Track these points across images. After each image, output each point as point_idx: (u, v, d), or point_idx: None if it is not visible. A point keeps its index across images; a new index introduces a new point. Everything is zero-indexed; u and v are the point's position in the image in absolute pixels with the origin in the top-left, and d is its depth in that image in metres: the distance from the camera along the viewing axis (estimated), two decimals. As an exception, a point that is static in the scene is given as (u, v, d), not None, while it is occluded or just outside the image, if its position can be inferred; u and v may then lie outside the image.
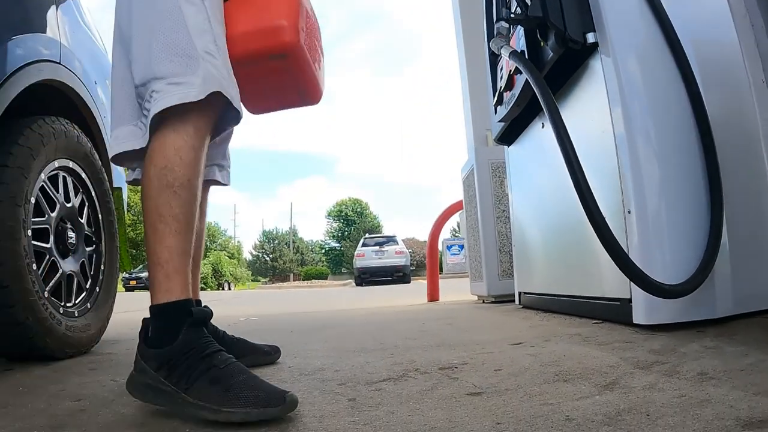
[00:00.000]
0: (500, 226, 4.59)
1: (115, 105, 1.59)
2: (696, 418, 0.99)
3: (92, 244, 2.61)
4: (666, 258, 2.04)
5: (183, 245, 1.40)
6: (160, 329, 1.36)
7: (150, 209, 1.39)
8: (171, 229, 1.38)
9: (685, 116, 2.07)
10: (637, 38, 2.16)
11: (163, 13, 1.47)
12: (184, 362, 1.28)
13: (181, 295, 1.38)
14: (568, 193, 2.21)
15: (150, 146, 1.45)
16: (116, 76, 1.59)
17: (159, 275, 1.38)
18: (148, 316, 1.41)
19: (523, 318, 3.06)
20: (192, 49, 1.45)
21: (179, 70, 1.43)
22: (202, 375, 1.26)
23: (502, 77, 3.12)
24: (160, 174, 1.39)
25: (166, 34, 1.45)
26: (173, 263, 1.38)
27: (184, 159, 1.41)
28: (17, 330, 1.96)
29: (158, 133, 1.44)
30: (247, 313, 5.25)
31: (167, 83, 1.42)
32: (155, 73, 1.44)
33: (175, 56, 1.44)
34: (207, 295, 17.04)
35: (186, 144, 1.42)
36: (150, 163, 1.42)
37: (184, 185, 1.40)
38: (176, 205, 1.39)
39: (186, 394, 1.25)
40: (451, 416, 1.15)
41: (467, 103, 5.23)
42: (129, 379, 1.38)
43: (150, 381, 1.31)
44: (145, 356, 1.35)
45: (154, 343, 1.35)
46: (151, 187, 1.40)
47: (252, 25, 1.65)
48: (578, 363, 1.59)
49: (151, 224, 1.39)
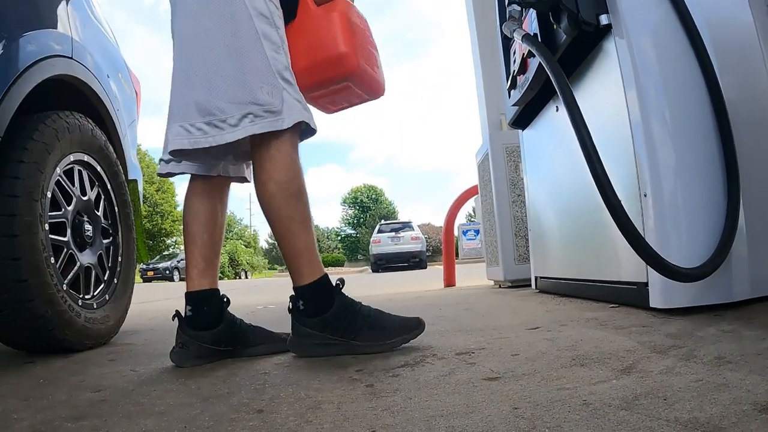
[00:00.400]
0: (516, 211, 4.57)
1: (171, 104, 1.78)
2: (713, 402, 0.98)
3: (109, 236, 2.64)
4: (682, 241, 2.02)
5: (312, 237, 1.78)
6: (317, 301, 1.76)
7: (282, 216, 1.72)
8: (303, 227, 1.74)
9: (700, 98, 2.05)
10: (651, 19, 2.13)
11: (246, 40, 1.68)
12: (344, 319, 1.74)
13: (321, 272, 1.77)
14: (583, 177, 2.20)
15: (260, 164, 1.72)
16: (207, 68, 1.71)
17: (303, 262, 1.75)
18: (293, 294, 1.79)
19: (539, 303, 3.05)
20: (274, 77, 1.68)
21: (267, 99, 1.66)
22: (363, 323, 1.75)
23: (515, 61, 3.10)
24: (283, 188, 1.70)
25: (251, 62, 1.67)
26: (310, 251, 1.76)
27: (295, 171, 1.73)
28: (37, 323, 1.99)
29: (265, 154, 1.71)
30: (265, 302, 5.28)
31: (263, 110, 1.66)
32: (243, 98, 1.66)
33: (264, 84, 1.67)
34: (224, 284, 17.15)
35: (291, 160, 1.72)
36: (269, 179, 1.71)
37: (302, 191, 1.74)
38: (301, 208, 1.73)
39: (355, 340, 1.73)
40: (468, 401, 1.15)
41: (481, 87, 5.19)
42: (292, 344, 1.81)
43: (317, 341, 1.75)
44: (306, 324, 1.75)
45: (314, 312, 1.75)
46: (278, 198, 1.71)
47: (311, 59, 1.85)
48: (595, 347, 1.58)
49: (286, 227, 1.73)
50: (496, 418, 1.02)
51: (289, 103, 1.67)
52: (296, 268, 1.76)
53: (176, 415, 1.20)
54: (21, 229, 1.92)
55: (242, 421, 1.14)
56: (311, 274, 1.75)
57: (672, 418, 0.92)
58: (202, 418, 1.17)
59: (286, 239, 1.74)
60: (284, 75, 1.70)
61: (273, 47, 1.70)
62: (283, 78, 1.69)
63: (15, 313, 1.95)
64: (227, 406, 1.26)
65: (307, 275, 1.75)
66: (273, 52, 1.70)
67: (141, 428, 1.12)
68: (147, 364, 1.88)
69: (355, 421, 1.08)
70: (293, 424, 1.09)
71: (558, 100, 2.80)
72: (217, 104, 1.66)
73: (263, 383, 1.47)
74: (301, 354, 1.80)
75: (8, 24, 1.96)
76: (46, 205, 2.09)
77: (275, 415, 1.16)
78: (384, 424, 1.04)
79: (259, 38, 1.68)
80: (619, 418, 0.95)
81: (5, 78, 1.89)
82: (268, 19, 1.71)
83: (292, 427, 1.07)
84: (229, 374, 1.62)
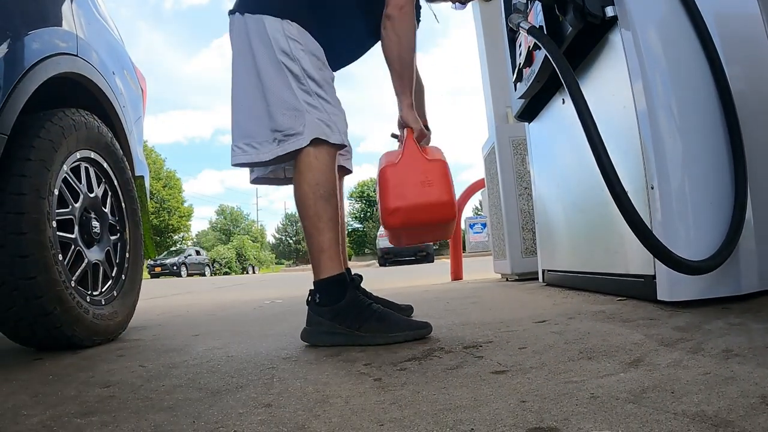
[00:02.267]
0: (522, 204, 4.57)
1: (234, 123, 2.09)
2: (721, 395, 0.98)
3: (116, 232, 2.64)
4: (690, 234, 2.01)
5: (336, 236, 1.97)
6: (331, 293, 1.93)
7: (310, 214, 1.94)
8: (328, 226, 1.94)
9: (707, 90, 2.03)
10: (657, 11, 2.11)
11: (269, 77, 1.99)
12: (353, 311, 1.89)
13: (339, 270, 1.95)
14: (590, 169, 2.19)
15: (299, 168, 1.96)
16: (242, 102, 2.07)
17: (324, 258, 1.94)
18: (312, 288, 1.98)
19: (547, 296, 3.05)
20: (298, 103, 1.96)
21: (288, 124, 1.95)
22: (371, 317, 1.88)
23: (521, 53, 3.09)
24: (314, 189, 1.93)
25: (274, 95, 1.98)
26: (332, 249, 1.95)
27: (327, 177, 1.96)
28: (45, 320, 2.00)
29: (306, 160, 1.95)
30: (272, 297, 5.29)
31: (284, 135, 1.96)
32: (269, 126, 1.99)
33: (287, 110, 1.96)
34: (231, 279, 17.21)
35: (326, 167, 1.96)
36: (303, 180, 1.95)
37: (331, 194, 1.95)
38: (329, 209, 1.94)
39: (359, 331, 1.86)
40: (476, 394, 1.16)
41: (486, 80, 5.19)
42: (304, 332, 1.97)
43: (326, 329, 1.91)
44: (319, 313, 1.93)
45: (326, 303, 1.92)
46: (308, 198, 1.94)
47: (419, 200, 2.03)
48: (603, 340, 1.58)
49: (313, 224, 1.94)
50: (504, 411, 1.02)
51: (311, 123, 1.94)
52: (317, 263, 1.95)
53: (185, 410, 1.21)
54: (29, 226, 1.93)
55: (250, 415, 1.14)
56: (331, 270, 1.93)
57: (679, 411, 0.92)
58: (210, 413, 1.17)
59: (312, 236, 1.96)
60: (308, 101, 1.97)
61: (295, 78, 1.98)
62: (307, 102, 1.96)
63: (23, 310, 1.96)
64: (235, 401, 1.26)
65: (326, 270, 1.93)
66: (296, 82, 1.98)
67: (150, 423, 1.12)
68: (155, 360, 1.88)
69: (363, 415, 1.09)
70: (301, 418, 1.10)
71: (564, 92, 2.79)
72: (251, 131, 2.03)
73: (271, 378, 1.48)
74: (309, 341, 1.96)
75: (13, 22, 1.96)
76: (54, 202, 2.09)
77: (283, 410, 1.16)
78: (392, 418, 1.05)
79: (283, 73, 1.97)
80: (627, 411, 0.95)
81: (11, 76, 1.90)
82: (289, 56, 1.98)
83: (300, 421, 1.08)
84: (237, 369, 1.63)
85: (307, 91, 1.99)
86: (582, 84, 2.19)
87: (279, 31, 1.99)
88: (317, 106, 1.98)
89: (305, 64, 2.00)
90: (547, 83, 2.90)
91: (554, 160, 3.37)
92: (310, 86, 1.99)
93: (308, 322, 1.97)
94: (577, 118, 1.94)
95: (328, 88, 2.05)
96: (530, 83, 2.97)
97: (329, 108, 2.01)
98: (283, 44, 1.99)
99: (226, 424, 1.09)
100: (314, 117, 1.95)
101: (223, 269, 42.19)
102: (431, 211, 2.04)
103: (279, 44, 1.99)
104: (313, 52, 2.04)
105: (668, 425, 0.87)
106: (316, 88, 2.00)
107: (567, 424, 0.92)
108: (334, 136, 1.98)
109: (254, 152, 2.03)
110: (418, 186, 2.04)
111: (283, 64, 1.98)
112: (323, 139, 1.95)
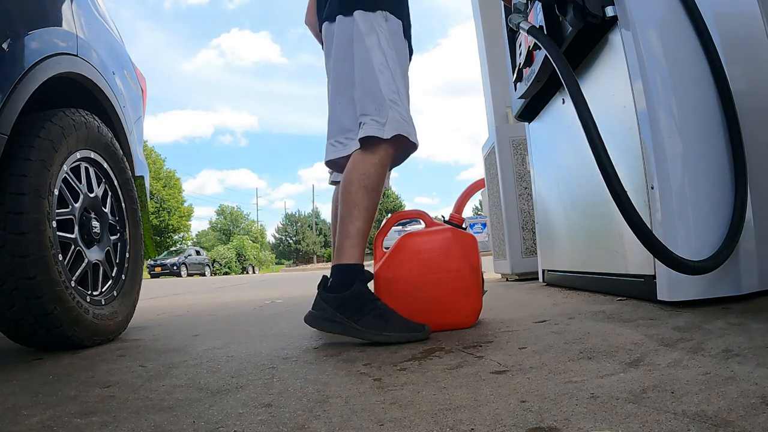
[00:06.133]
0: (523, 204, 4.57)
1: (331, 120, 2.26)
2: (721, 395, 0.98)
3: (117, 232, 2.64)
4: (690, 234, 2.01)
5: (366, 228, 2.01)
6: (340, 280, 1.95)
7: (350, 200, 2.00)
8: (361, 216, 1.99)
9: (707, 90, 2.04)
10: (657, 11, 2.12)
11: (368, 70, 2.08)
12: (355, 303, 1.89)
13: (358, 260, 1.98)
14: (590, 169, 2.19)
15: (354, 158, 2.06)
16: (336, 101, 2.23)
17: (347, 244, 1.98)
18: (328, 274, 2.03)
19: (547, 296, 3.05)
20: (382, 99, 2.05)
21: (374, 112, 2.04)
22: (371, 311, 1.88)
23: (521, 53, 3.09)
24: (360, 178, 2.01)
25: (366, 89, 2.08)
26: (358, 238, 1.99)
27: (378, 172, 2.03)
28: (45, 320, 2.00)
29: (365, 151, 2.05)
30: (272, 296, 5.29)
31: (370, 119, 2.04)
32: (365, 111, 2.07)
33: (374, 104, 2.05)
34: (232, 279, 17.18)
35: (380, 163, 2.04)
36: (354, 168, 2.03)
37: (375, 188, 2.02)
38: (368, 201, 2.00)
39: (356, 324, 1.87)
40: (476, 394, 1.16)
41: (487, 80, 5.18)
42: (307, 315, 1.99)
43: (327, 315, 1.92)
44: (325, 298, 1.94)
45: (334, 290, 1.94)
46: (353, 184, 2.01)
47: (446, 308, 2.07)
48: (603, 340, 1.58)
49: (348, 211, 2.00)
50: (504, 411, 1.02)
51: (392, 118, 2.03)
52: (340, 248, 2.00)
53: (185, 411, 1.21)
54: (29, 226, 1.93)
55: (251, 415, 1.14)
56: (350, 257, 1.97)
57: (679, 411, 0.92)
58: (210, 413, 1.17)
59: (344, 221, 2.02)
60: (391, 98, 2.05)
61: (384, 78, 2.06)
62: (390, 100, 2.05)
63: (23, 310, 1.96)
64: (235, 401, 1.26)
65: (346, 257, 1.98)
66: (385, 79, 2.06)
67: (150, 424, 1.12)
68: (155, 360, 1.88)
69: (363, 414, 1.09)
70: (301, 418, 1.10)
71: (564, 92, 2.79)
72: (346, 125, 2.18)
73: (271, 377, 1.48)
74: (310, 324, 1.99)
75: (13, 22, 1.96)
76: (54, 202, 2.09)
77: (283, 410, 1.16)
78: (392, 418, 1.05)
79: (373, 71, 2.06)
80: (627, 411, 0.95)
81: (11, 76, 1.89)
82: (384, 55, 2.09)
83: (300, 421, 1.08)
84: (237, 369, 1.63)
85: (395, 90, 2.08)
86: (582, 84, 2.19)
87: (381, 26, 2.12)
88: (400, 104, 2.07)
89: (396, 67, 2.11)
90: (547, 83, 2.90)
91: (554, 160, 3.37)
92: (397, 87, 2.09)
93: (314, 306, 1.99)
94: (577, 118, 1.94)
95: (407, 85, 2.20)
96: (530, 83, 2.98)
97: (407, 109, 2.11)
98: (384, 43, 2.10)
99: (226, 424, 1.09)
100: (397, 113, 2.04)
101: (223, 269, 42.17)
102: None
103: (381, 42, 2.10)
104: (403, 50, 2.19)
105: (668, 425, 0.87)
106: (402, 86, 2.11)
107: (567, 424, 0.92)
108: (414, 137, 2.10)
109: (343, 148, 2.17)
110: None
111: (375, 63, 2.07)
112: (404, 135, 2.04)
